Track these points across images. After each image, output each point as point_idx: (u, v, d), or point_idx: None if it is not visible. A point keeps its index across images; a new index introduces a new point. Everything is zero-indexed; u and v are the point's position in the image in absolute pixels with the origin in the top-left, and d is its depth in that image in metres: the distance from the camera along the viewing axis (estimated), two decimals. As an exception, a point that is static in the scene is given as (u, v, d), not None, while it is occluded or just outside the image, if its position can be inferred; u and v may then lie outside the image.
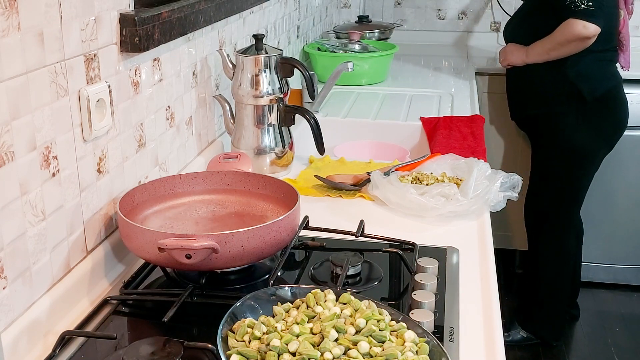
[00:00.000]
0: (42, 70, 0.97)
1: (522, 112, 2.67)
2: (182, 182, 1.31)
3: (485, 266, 1.24)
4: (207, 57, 1.62)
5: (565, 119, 2.48)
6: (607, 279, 3.18)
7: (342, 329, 0.88)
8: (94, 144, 1.13)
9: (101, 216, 1.17)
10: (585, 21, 2.27)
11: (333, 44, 2.77)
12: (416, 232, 1.37)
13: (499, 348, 1.00)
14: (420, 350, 0.87)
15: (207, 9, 1.48)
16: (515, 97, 2.68)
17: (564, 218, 2.62)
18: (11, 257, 0.94)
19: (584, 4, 2.25)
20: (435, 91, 2.57)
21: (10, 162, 0.92)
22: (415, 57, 3.22)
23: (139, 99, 1.28)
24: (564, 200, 2.60)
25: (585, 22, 2.27)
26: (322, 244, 1.29)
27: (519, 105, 2.67)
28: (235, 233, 1.05)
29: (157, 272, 1.19)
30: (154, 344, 0.92)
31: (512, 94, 2.69)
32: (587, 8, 2.25)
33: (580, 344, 2.86)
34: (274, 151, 1.65)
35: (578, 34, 2.29)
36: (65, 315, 1.06)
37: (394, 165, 1.65)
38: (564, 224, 2.63)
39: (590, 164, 2.57)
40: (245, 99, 1.61)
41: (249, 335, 0.88)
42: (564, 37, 2.33)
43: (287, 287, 1.01)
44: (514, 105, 2.69)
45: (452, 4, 3.58)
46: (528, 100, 2.59)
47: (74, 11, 1.04)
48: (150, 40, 1.23)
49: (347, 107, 2.33)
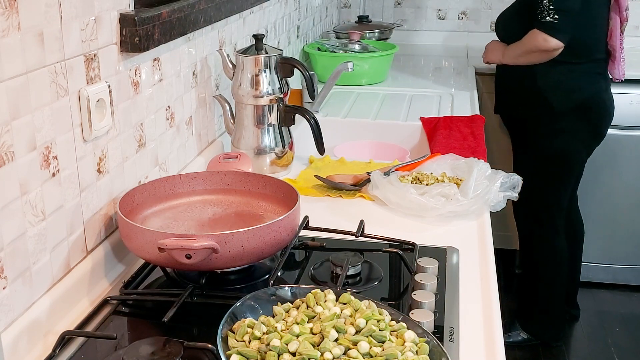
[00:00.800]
0: (42, 70, 0.97)
1: (504, 111, 2.68)
2: (182, 182, 1.31)
3: (485, 266, 1.24)
4: (207, 57, 1.62)
5: (537, 126, 2.46)
6: (607, 279, 3.18)
7: (342, 329, 0.88)
8: (94, 144, 1.13)
9: (101, 216, 1.17)
10: (546, 34, 2.23)
11: (333, 44, 2.77)
12: (416, 232, 1.37)
13: (499, 348, 1.00)
14: (420, 350, 0.87)
15: (207, 9, 1.48)
16: (498, 94, 2.66)
17: (550, 221, 2.60)
18: (11, 257, 0.94)
19: (550, 16, 2.20)
20: (435, 91, 2.58)
21: (10, 162, 0.92)
22: (415, 57, 3.22)
23: (139, 99, 1.28)
24: (547, 204, 2.58)
25: (546, 36, 2.23)
26: (322, 244, 1.29)
27: (500, 104, 2.66)
28: (235, 233, 1.05)
29: (157, 272, 1.19)
30: (154, 344, 0.92)
31: (497, 90, 2.68)
32: (552, 21, 2.21)
33: (580, 344, 2.86)
34: (274, 151, 1.65)
35: (537, 46, 2.27)
36: (65, 315, 1.06)
37: (394, 165, 1.65)
38: (551, 226, 2.61)
39: (568, 169, 2.53)
40: (245, 99, 1.61)
41: (249, 335, 0.88)
42: (526, 46, 2.32)
43: (287, 287, 1.01)
44: (498, 103, 2.68)
45: (452, 4, 3.58)
46: (508, 101, 2.59)
47: (74, 11, 1.04)
48: (150, 40, 1.23)
49: (347, 107, 2.33)
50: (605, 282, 3.18)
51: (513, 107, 2.59)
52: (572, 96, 2.39)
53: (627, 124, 2.78)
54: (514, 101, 2.55)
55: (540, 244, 2.66)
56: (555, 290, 2.68)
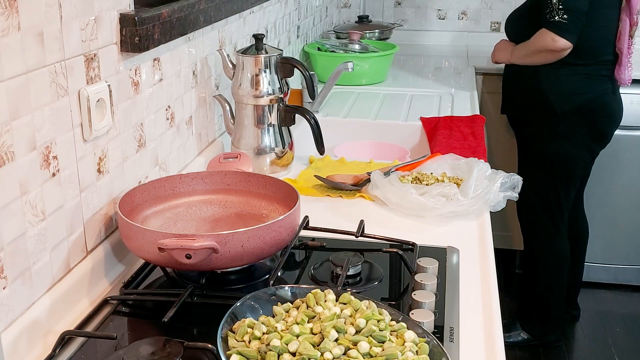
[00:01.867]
0: (42, 70, 0.97)
1: (509, 112, 2.68)
2: (182, 182, 1.31)
3: (485, 266, 1.24)
4: (207, 57, 1.62)
5: (541, 127, 2.46)
6: (608, 279, 3.18)
7: (342, 329, 0.88)
8: (94, 144, 1.13)
9: (101, 216, 1.17)
10: (555, 34, 2.22)
11: (333, 44, 2.77)
12: (416, 232, 1.37)
13: (499, 348, 1.00)
14: (420, 350, 0.87)
15: (207, 8, 1.48)
16: (505, 94, 2.67)
17: (552, 222, 2.60)
18: (11, 257, 0.94)
19: (559, 16, 2.20)
20: (435, 91, 2.57)
21: (10, 162, 0.92)
22: (415, 57, 3.22)
23: (139, 99, 1.28)
24: (550, 205, 2.57)
25: (555, 35, 2.22)
26: (322, 244, 1.29)
27: (506, 104, 2.67)
28: (235, 233, 1.05)
29: (157, 272, 1.19)
30: (154, 344, 0.92)
31: (503, 90, 2.68)
32: (560, 21, 2.20)
33: (580, 344, 2.86)
34: (274, 151, 1.65)
35: (545, 46, 2.26)
36: (65, 315, 1.06)
37: (394, 165, 1.65)
38: (554, 228, 2.61)
39: (571, 172, 2.52)
40: (245, 99, 1.61)
41: (249, 335, 0.88)
42: (534, 46, 2.31)
43: (287, 287, 1.01)
44: (505, 102, 2.68)
45: (452, 4, 3.58)
46: (514, 102, 2.59)
47: (74, 11, 1.04)
48: (150, 40, 1.23)
49: (347, 107, 2.33)
50: (606, 282, 3.18)
51: (518, 108, 2.59)
52: (573, 98, 2.38)
53: (628, 124, 2.77)
54: (519, 102, 2.55)
55: (542, 245, 2.65)
56: (556, 291, 2.68)
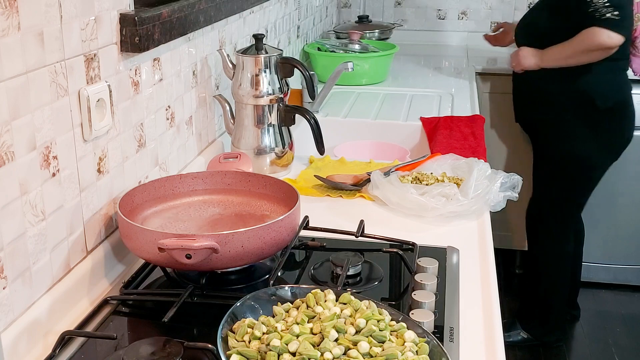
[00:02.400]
0: (42, 70, 0.97)
1: (528, 115, 2.63)
2: (182, 182, 1.31)
3: (485, 266, 1.24)
4: (207, 57, 1.62)
5: (573, 128, 2.43)
6: (608, 279, 3.18)
7: (342, 329, 0.88)
8: (94, 144, 1.13)
9: (101, 216, 1.17)
10: (610, 31, 2.20)
11: (333, 44, 2.77)
12: (416, 232, 1.37)
13: (499, 348, 1.00)
14: (420, 350, 0.87)
15: (207, 8, 1.48)
16: (521, 100, 2.63)
17: (564, 222, 2.60)
18: (11, 257, 0.94)
19: (610, 13, 2.18)
20: (435, 91, 2.57)
21: (10, 162, 0.92)
22: (415, 57, 3.22)
23: (139, 99, 1.28)
24: (566, 207, 2.58)
25: (610, 32, 2.20)
26: (322, 244, 1.29)
27: (525, 109, 2.63)
28: (236, 233, 1.05)
29: (157, 272, 1.19)
30: (154, 344, 0.92)
31: (518, 96, 2.64)
32: (613, 18, 2.18)
33: (580, 344, 2.86)
34: (274, 151, 1.65)
35: (601, 44, 2.22)
36: (65, 315, 1.06)
37: (394, 165, 1.65)
38: (564, 227, 2.61)
39: (596, 175, 2.53)
40: (245, 99, 1.61)
41: (249, 335, 0.88)
42: (585, 45, 2.26)
43: (287, 287, 1.01)
44: (520, 108, 2.65)
45: (452, 4, 3.58)
46: (535, 105, 2.54)
47: (74, 11, 1.04)
48: (150, 40, 1.23)
49: (347, 107, 2.33)
50: (606, 282, 3.18)
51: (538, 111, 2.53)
52: (612, 95, 2.39)
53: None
54: (540, 105, 2.51)
55: (548, 247, 2.65)
56: (557, 291, 2.68)
